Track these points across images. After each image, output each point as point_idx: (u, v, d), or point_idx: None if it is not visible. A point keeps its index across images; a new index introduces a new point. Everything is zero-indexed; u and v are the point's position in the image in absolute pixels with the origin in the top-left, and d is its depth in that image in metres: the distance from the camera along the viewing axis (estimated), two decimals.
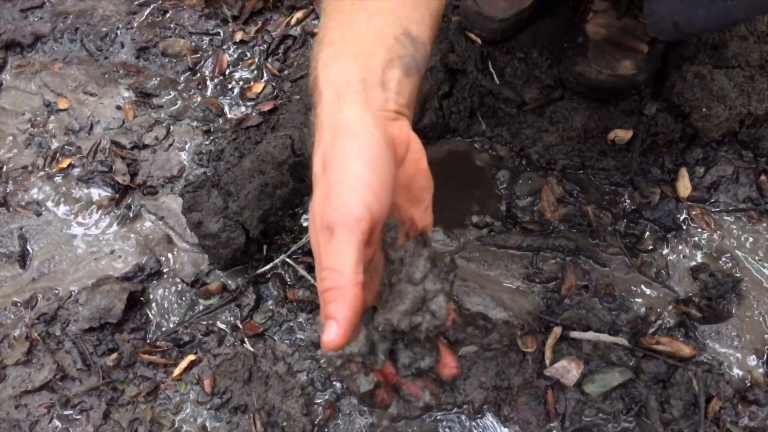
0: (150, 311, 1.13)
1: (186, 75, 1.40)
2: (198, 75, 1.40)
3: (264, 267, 1.14)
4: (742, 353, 1.02)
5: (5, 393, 1.07)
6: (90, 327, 1.09)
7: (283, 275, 1.14)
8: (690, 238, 1.12)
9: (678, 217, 1.14)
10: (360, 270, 0.54)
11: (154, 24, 1.47)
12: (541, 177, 1.20)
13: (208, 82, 1.39)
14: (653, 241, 1.12)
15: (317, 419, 1.01)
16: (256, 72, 1.39)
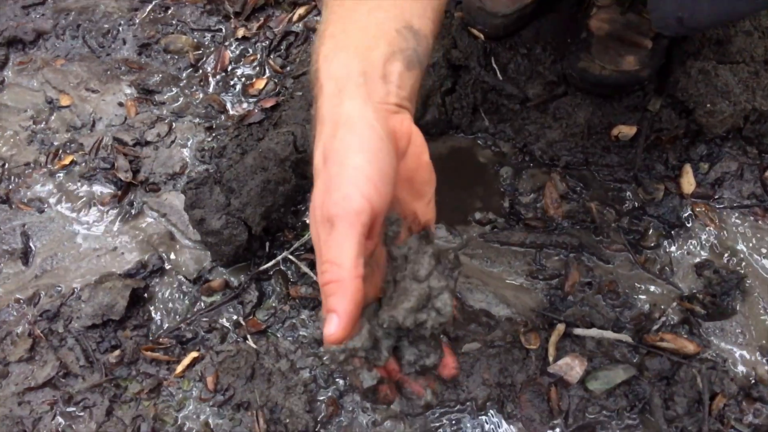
0: (152, 308, 1.13)
1: (188, 71, 1.40)
2: (200, 71, 1.39)
3: (266, 264, 1.14)
4: (746, 350, 1.02)
5: (8, 390, 1.07)
6: (93, 324, 1.09)
7: (286, 272, 1.14)
8: (694, 234, 1.12)
9: (682, 214, 1.13)
10: (360, 263, 0.54)
11: (155, 20, 1.47)
12: (545, 173, 1.19)
13: (210, 78, 1.38)
14: (657, 238, 1.12)
15: (320, 416, 1.01)
16: (258, 68, 1.39)
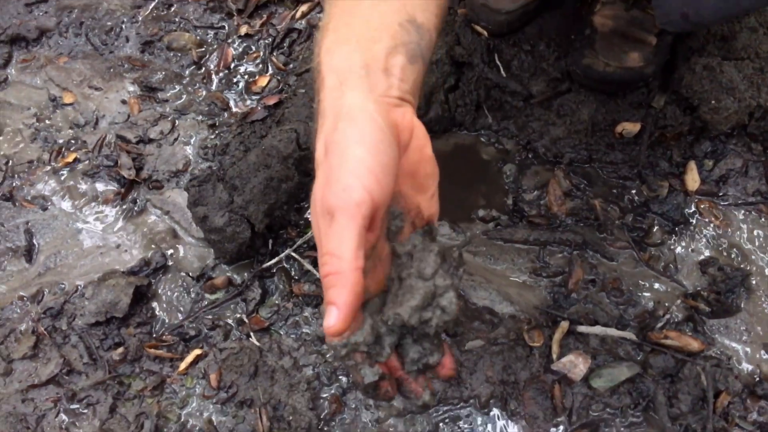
0: (156, 306, 1.13)
1: (191, 69, 1.40)
2: (203, 69, 1.39)
3: (269, 261, 1.14)
4: (751, 348, 1.02)
5: (12, 387, 1.07)
6: (96, 321, 1.09)
7: (289, 269, 1.14)
8: (698, 231, 1.12)
9: (686, 211, 1.13)
10: (361, 255, 0.54)
11: (158, 18, 1.47)
12: (548, 170, 1.19)
13: (213, 76, 1.38)
14: (661, 235, 1.11)
15: (323, 413, 1.01)
16: (261, 66, 1.38)
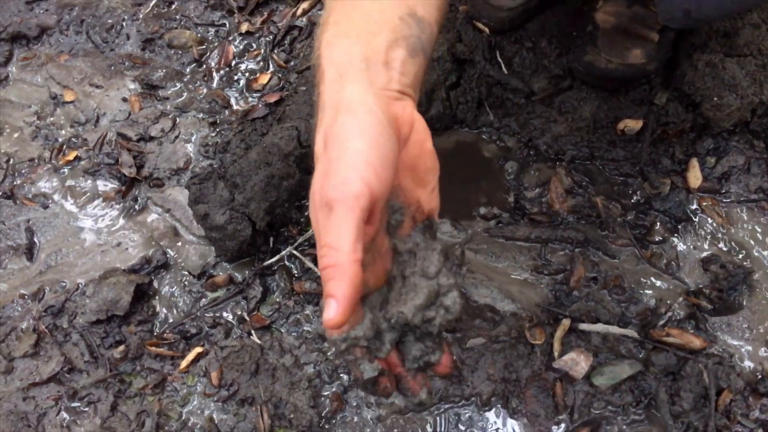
0: (157, 303, 1.13)
1: (192, 67, 1.40)
2: (204, 66, 1.39)
3: (271, 259, 1.13)
4: (753, 345, 1.01)
5: (13, 385, 1.07)
6: (97, 319, 1.09)
7: (290, 267, 1.14)
8: (701, 229, 1.11)
9: (688, 208, 1.13)
10: (359, 247, 0.54)
11: (159, 15, 1.47)
12: (550, 168, 1.19)
13: (214, 73, 1.38)
14: (663, 233, 1.11)
15: (324, 411, 1.01)
16: (262, 63, 1.38)
